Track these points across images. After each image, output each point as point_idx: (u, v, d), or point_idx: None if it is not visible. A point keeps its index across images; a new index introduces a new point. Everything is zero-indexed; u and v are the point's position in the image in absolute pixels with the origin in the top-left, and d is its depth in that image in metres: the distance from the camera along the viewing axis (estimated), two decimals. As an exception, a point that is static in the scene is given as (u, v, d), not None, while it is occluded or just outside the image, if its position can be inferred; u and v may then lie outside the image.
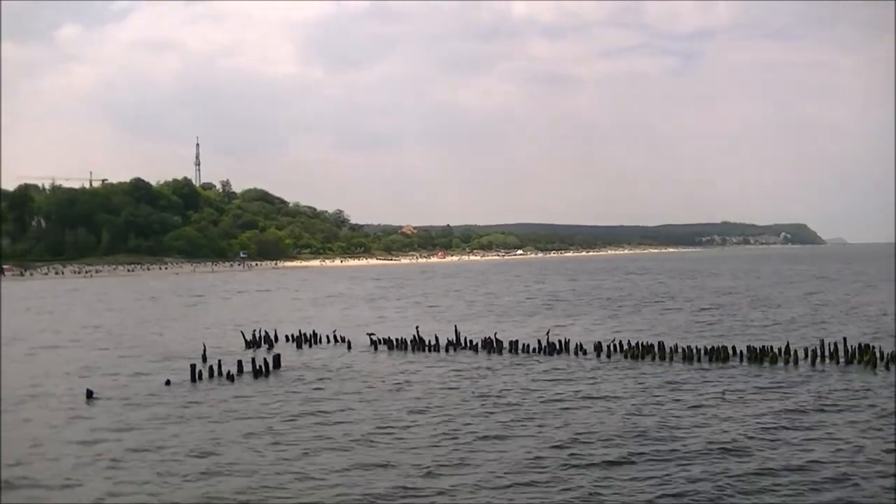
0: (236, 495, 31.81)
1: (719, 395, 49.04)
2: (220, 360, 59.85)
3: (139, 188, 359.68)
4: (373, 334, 76.89)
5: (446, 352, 70.43)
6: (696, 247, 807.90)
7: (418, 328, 77.51)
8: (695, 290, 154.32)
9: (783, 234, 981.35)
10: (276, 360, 61.98)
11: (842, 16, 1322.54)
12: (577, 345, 68.27)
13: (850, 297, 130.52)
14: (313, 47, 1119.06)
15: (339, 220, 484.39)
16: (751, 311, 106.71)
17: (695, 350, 63.57)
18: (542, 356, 66.63)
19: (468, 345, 71.86)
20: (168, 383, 54.96)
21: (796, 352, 61.83)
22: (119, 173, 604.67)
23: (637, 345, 66.49)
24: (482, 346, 70.66)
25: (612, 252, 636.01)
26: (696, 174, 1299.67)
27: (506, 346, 69.81)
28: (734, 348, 63.65)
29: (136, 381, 57.43)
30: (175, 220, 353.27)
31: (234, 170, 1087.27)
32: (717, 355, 62.41)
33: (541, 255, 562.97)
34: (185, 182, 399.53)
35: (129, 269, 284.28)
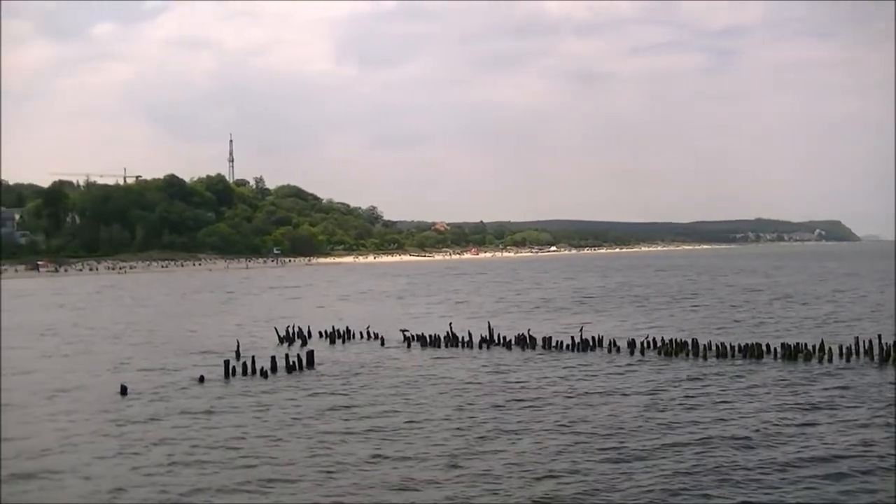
0: (265, 486, 32.05)
1: (758, 391, 48.94)
2: (253, 357, 60.08)
3: (173, 185, 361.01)
4: (406, 330, 76.84)
5: (479, 348, 70.34)
6: (730, 244, 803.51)
7: (451, 324, 77.50)
8: (725, 288, 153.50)
9: (817, 230, 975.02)
10: (310, 356, 62.04)
11: (875, 14, 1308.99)
12: (610, 341, 68.13)
13: (880, 293, 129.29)
14: (347, 45, 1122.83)
15: (372, 216, 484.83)
16: (781, 308, 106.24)
17: (729, 347, 63.28)
18: (575, 353, 66.50)
19: (501, 341, 71.76)
20: (202, 380, 55.09)
21: (830, 349, 61.45)
22: (153, 170, 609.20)
23: (671, 341, 66.22)
24: (515, 343, 70.61)
25: (646, 249, 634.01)
26: (730, 171, 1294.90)
27: (539, 342, 69.75)
28: (768, 345, 63.30)
29: (170, 377, 57.64)
30: (209, 216, 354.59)
31: (267, 167, 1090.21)
32: (752, 352, 62.10)
33: (574, 251, 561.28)
34: (219, 179, 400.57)
35: (162, 266, 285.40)
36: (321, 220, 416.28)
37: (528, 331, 72.99)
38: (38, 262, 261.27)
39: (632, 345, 66.90)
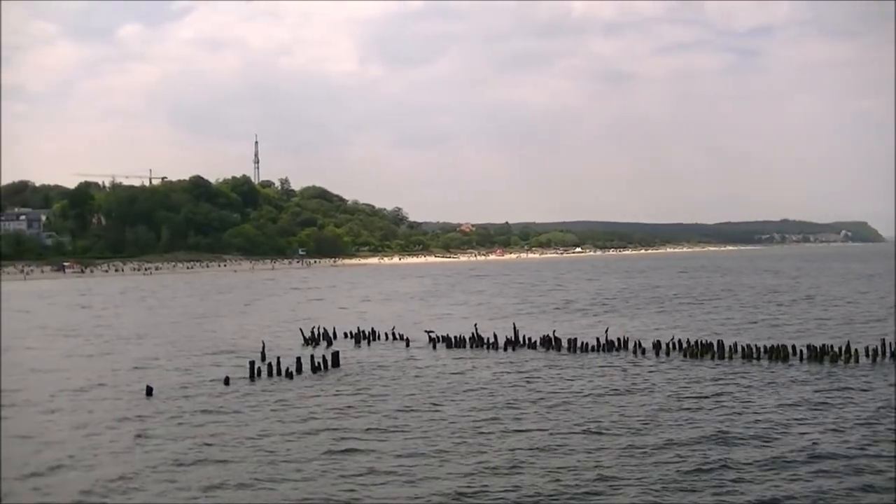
0: (297, 492, 32.15)
1: (785, 392, 48.88)
2: (278, 357, 60.18)
3: (198, 186, 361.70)
4: (431, 331, 76.98)
5: (504, 350, 70.34)
6: (755, 245, 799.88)
7: (476, 325, 77.53)
8: (747, 289, 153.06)
9: (843, 231, 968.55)
10: (335, 357, 62.26)
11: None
12: (635, 343, 68.19)
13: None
14: (372, 45, 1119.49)
15: (397, 217, 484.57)
16: (802, 310, 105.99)
17: (754, 348, 63.16)
18: (600, 354, 66.57)
19: (527, 342, 71.78)
20: (227, 381, 55.21)
21: (856, 350, 61.24)
22: (179, 171, 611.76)
23: (696, 343, 66.13)
24: (541, 344, 70.67)
25: (671, 250, 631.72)
26: (755, 171, 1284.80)
27: (564, 343, 69.74)
28: (794, 347, 63.18)
29: (195, 377, 57.94)
30: (234, 217, 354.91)
31: (292, 167, 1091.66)
32: (777, 354, 61.95)
33: (599, 252, 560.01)
34: (244, 180, 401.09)
35: (188, 267, 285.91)
36: (346, 221, 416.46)
37: (552, 332, 73.02)
38: (64, 264, 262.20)
39: (657, 346, 66.87)
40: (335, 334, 78.58)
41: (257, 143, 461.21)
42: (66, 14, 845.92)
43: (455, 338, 73.54)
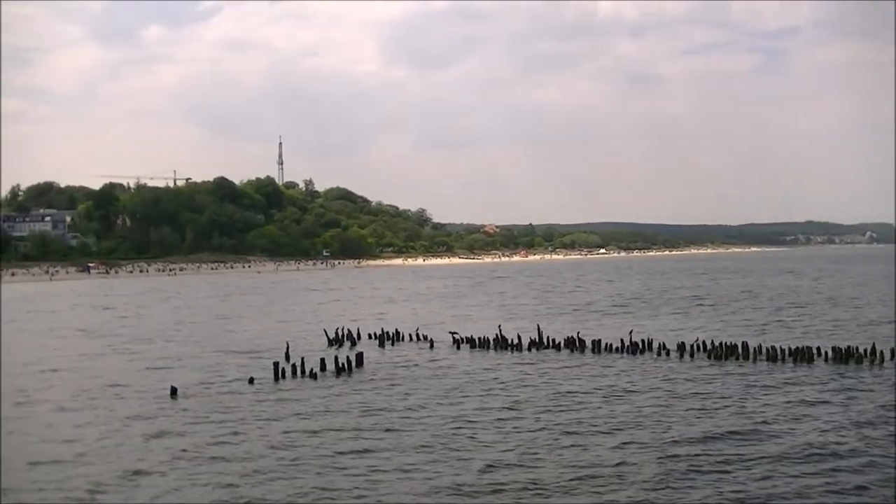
0: (320, 491, 32.24)
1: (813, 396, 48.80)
2: (302, 358, 60.25)
3: (223, 187, 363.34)
4: (455, 333, 76.98)
5: (528, 351, 70.26)
6: (780, 246, 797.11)
7: (500, 327, 77.53)
8: (772, 290, 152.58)
9: (868, 233, 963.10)
10: (359, 358, 62.37)
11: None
12: (660, 344, 67.93)
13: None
14: (396, 46, 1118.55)
15: (421, 218, 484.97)
16: (828, 311, 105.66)
17: (779, 350, 62.94)
18: (624, 355, 66.44)
19: (551, 344, 71.72)
20: (251, 381, 55.29)
21: (882, 352, 60.97)
22: (203, 172, 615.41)
23: (720, 345, 65.95)
24: (565, 345, 70.59)
25: (695, 251, 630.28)
26: (780, 173, 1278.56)
27: (588, 345, 69.68)
28: (819, 349, 62.99)
29: (220, 378, 58.03)
30: (258, 218, 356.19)
31: (316, 168, 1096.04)
32: (802, 356, 61.72)
33: (623, 254, 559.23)
34: (269, 181, 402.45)
35: (212, 268, 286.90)
36: (370, 222, 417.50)
37: (577, 333, 72.97)
38: (89, 264, 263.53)
39: (681, 348, 66.66)
40: (359, 335, 78.62)
41: (281, 144, 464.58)
42: (92, 16, 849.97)
43: (479, 339, 73.51)
